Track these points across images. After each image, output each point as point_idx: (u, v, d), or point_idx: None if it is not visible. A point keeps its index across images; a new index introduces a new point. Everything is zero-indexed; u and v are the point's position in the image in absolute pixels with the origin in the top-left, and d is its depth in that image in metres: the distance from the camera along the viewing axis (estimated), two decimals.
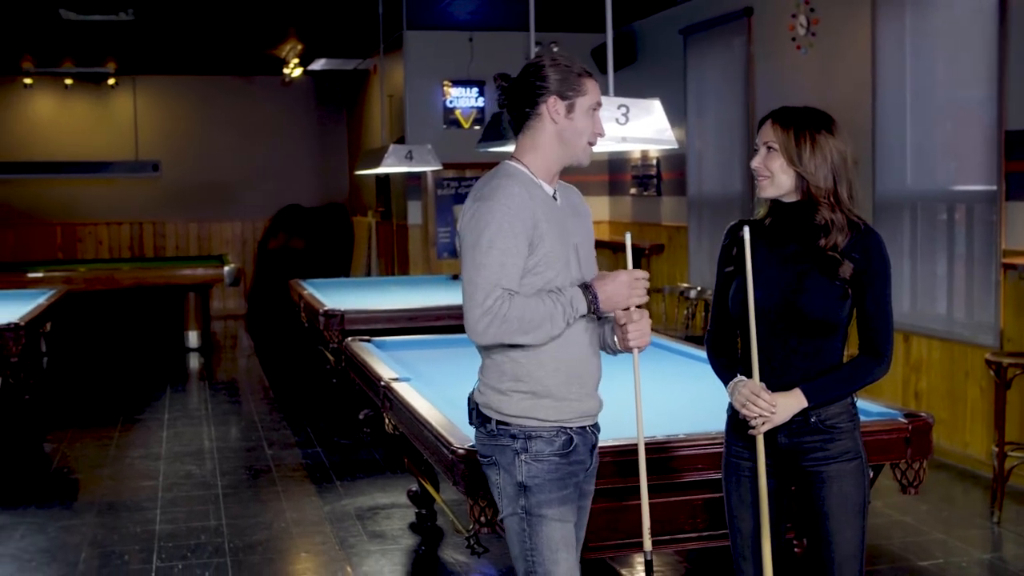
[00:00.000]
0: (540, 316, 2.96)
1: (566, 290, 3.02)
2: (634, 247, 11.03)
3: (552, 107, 3.06)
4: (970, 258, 6.87)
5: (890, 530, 5.71)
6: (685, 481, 3.73)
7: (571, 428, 3.10)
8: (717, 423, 3.76)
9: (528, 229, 2.98)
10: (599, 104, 3.12)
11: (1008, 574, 5.19)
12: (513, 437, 3.08)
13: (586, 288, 3.04)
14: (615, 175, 12.51)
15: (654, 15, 11.15)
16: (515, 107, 3.13)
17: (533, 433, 3.07)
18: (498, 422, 3.10)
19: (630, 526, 3.61)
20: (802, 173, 3.03)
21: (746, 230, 3.03)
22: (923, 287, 7.26)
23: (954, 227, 7.02)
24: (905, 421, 3.88)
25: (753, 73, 9.27)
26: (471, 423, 3.24)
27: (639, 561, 5.30)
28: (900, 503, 6.00)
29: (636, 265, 11.63)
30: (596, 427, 3.21)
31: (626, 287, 3.05)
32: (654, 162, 11.46)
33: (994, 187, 6.53)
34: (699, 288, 9.93)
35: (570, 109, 3.07)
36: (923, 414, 3.92)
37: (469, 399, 3.23)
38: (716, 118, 10.08)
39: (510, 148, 5.17)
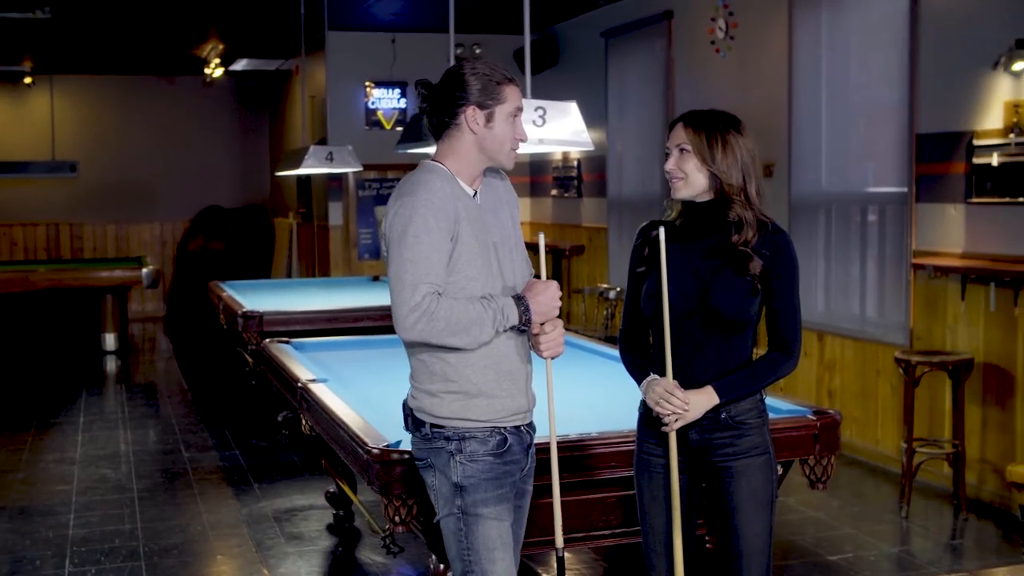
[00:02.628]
0: (469, 320, 2.97)
1: (498, 299, 3.04)
2: (553, 248, 11.18)
3: (471, 117, 3.07)
4: (882, 258, 7.01)
5: (802, 526, 5.80)
6: (599, 479, 3.77)
7: (505, 428, 3.11)
8: (631, 421, 3.80)
9: (451, 223, 2.99)
10: (520, 109, 3.12)
11: (915, 567, 5.31)
12: (447, 439, 3.09)
13: (519, 299, 3.06)
14: (536, 177, 12.56)
15: (576, 17, 11.22)
16: (435, 115, 3.14)
17: (467, 434, 3.08)
18: (432, 425, 3.11)
19: (545, 524, 3.64)
20: (716, 172, 3.09)
21: (661, 231, 3.07)
22: (837, 287, 7.39)
23: (867, 228, 7.16)
24: (814, 418, 3.95)
25: (673, 76, 9.37)
26: (406, 429, 3.24)
27: (555, 559, 5.33)
28: (812, 499, 6.11)
29: (556, 266, 11.62)
30: (531, 427, 3.22)
31: (556, 299, 3.08)
32: (575, 164, 11.53)
33: (905, 189, 6.67)
34: (618, 289, 10.01)
35: (489, 118, 3.07)
36: (831, 411, 3.99)
37: (404, 405, 3.23)
38: (636, 120, 10.17)
39: (429, 149, 5.20)
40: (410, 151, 5.32)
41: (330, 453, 5.11)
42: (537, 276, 3.21)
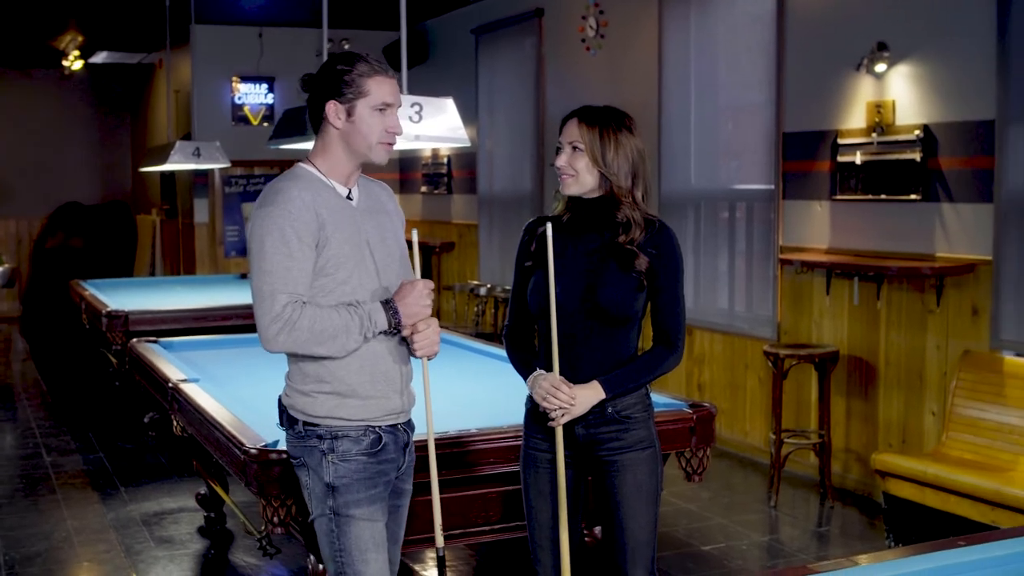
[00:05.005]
0: (334, 328, 2.92)
1: (365, 304, 2.99)
2: (423, 245, 11.14)
3: (332, 112, 3.01)
4: (750, 254, 7.16)
5: (675, 518, 5.89)
6: (478, 475, 3.76)
7: (379, 427, 3.07)
8: (509, 418, 3.81)
9: (312, 231, 2.93)
10: (388, 104, 3.04)
11: (784, 554, 5.43)
12: (320, 438, 3.04)
13: (387, 304, 3.01)
14: (406, 173, 12.50)
15: (446, 14, 11.19)
16: (310, 108, 3.10)
17: (340, 433, 3.03)
18: (305, 423, 3.05)
19: (423, 522, 3.61)
20: (606, 173, 3.10)
21: (548, 227, 3.07)
22: (706, 283, 7.52)
23: (735, 225, 7.30)
24: (690, 411, 4.01)
25: (544, 73, 9.42)
26: (280, 425, 3.18)
27: (431, 556, 5.31)
28: (684, 491, 6.20)
29: (426, 263, 11.56)
30: (409, 424, 3.19)
31: (426, 297, 3.03)
32: (445, 160, 11.51)
33: (772, 186, 6.82)
34: (489, 285, 10.02)
35: (350, 112, 3.01)
36: (706, 404, 4.07)
37: (278, 401, 3.17)
38: (507, 117, 10.19)
39: (301, 145, 5.14)
40: (282, 147, 5.24)
41: (202, 454, 5.01)
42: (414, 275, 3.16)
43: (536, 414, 3.20)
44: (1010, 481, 4.92)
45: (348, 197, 3.09)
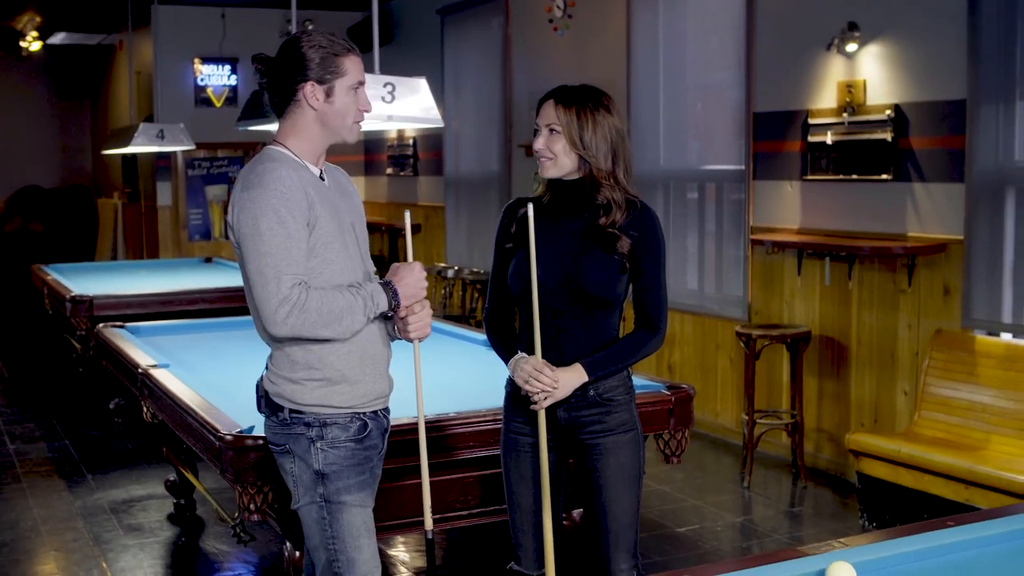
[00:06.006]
0: (340, 309, 2.89)
1: (367, 285, 2.96)
2: (389, 227, 11.06)
3: (310, 93, 2.96)
4: (720, 235, 7.15)
5: (649, 499, 5.88)
6: (456, 459, 3.72)
7: (364, 413, 3.04)
8: (487, 401, 3.78)
9: (304, 210, 2.89)
10: (361, 82, 3.02)
11: (758, 534, 5.44)
12: (308, 425, 2.99)
13: (386, 284, 2.99)
14: (371, 155, 12.42)
15: None
16: (274, 91, 3.02)
17: (328, 420, 2.99)
18: (291, 411, 3.00)
19: (397, 507, 3.59)
20: (584, 155, 3.06)
21: (530, 208, 3.03)
22: (676, 264, 7.50)
23: (705, 205, 7.29)
24: (668, 393, 3.98)
25: (510, 54, 9.36)
26: (260, 411, 3.13)
27: (401, 541, 5.29)
28: (658, 473, 6.19)
29: (391, 245, 11.48)
30: (387, 411, 3.16)
31: (423, 279, 3.02)
32: (411, 142, 11.44)
33: (743, 167, 6.81)
34: (456, 268, 9.97)
35: (329, 93, 2.96)
36: (684, 385, 4.04)
37: (257, 386, 3.12)
38: (474, 98, 10.13)
39: (271, 126, 5.05)
40: (251, 128, 5.16)
41: (173, 441, 4.94)
42: (403, 260, 3.14)
43: (516, 397, 3.17)
44: (983, 459, 4.94)
45: (320, 178, 3.05)
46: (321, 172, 3.06)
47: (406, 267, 3.04)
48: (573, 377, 3.05)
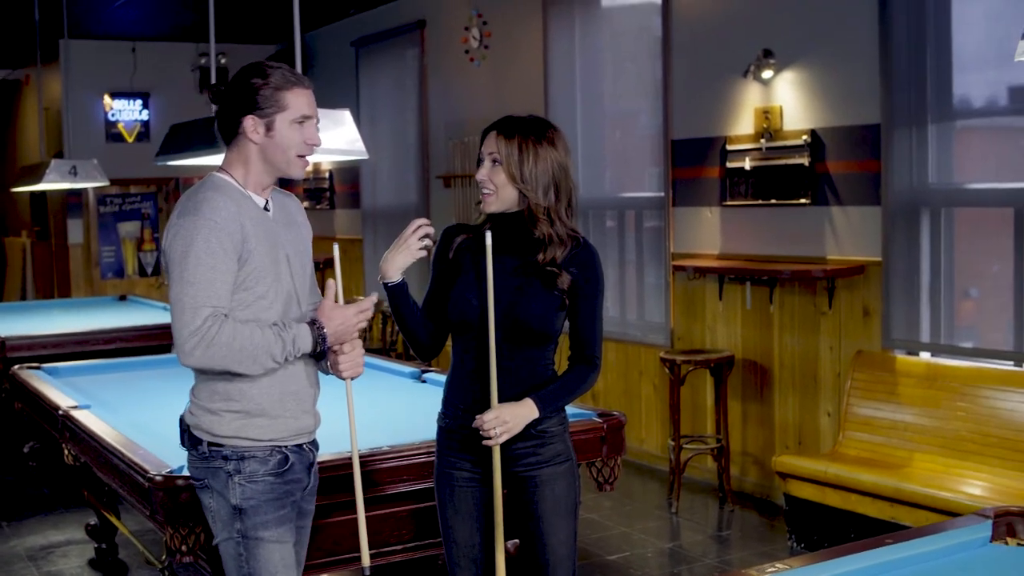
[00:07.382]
0: (254, 347, 2.83)
1: (292, 326, 2.91)
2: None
3: (250, 127, 2.92)
4: (641, 262, 7.20)
5: (578, 528, 5.85)
6: (389, 494, 3.67)
7: (286, 447, 2.99)
8: (419, 434, 3.74)
9: (236, 243, 2.84)
10: (307, 116, 2.97)
11: (687, 560, 5.45)
12: (225, 459, 2.93)
13: (313, 324, 2.94)
14: (287, 189, 12.29)
15: (325, 26, 11.06)
16: (220, 121, 2.99)
17: (246, 453, 2.93)
18: (210, 444, 2.94)
19: (333, 544, 3.53)
20: (522, 189, 3.02)
21: (488, 236, 2.96)
22: None
23: (625, 232, 7.34)
24: (600, 420, 3.98)
25: (426, 85, 9.36)
26: (182, 445, 3.06)
27: None
28: (587, 501, 6.12)
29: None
30: (314, 444, 3.11)
31: (352, 318, 2.98)
32: (327, 175, 11.37)
33: (662, 193, 6.87)
34: (376, 301, 9.87)
35: (269, 127, 2.92)
36: (616, 413, 4.04)
37: (180, 420, 3.05)
38: (391, 130, 10.11)
39: (189, 161, 4.99)
40: (171, 163, 5.09)
41: (94, 483, 4.82)
42: (331, 293, 3.08)
43: (451, 432, 3.13)
44: (907, 477, 5.02)
45: (265, 208, 3.00)
46: (267, 202, 3.01)
47: (339, 309, 2.98)
48: (524, 412, 3.01)
